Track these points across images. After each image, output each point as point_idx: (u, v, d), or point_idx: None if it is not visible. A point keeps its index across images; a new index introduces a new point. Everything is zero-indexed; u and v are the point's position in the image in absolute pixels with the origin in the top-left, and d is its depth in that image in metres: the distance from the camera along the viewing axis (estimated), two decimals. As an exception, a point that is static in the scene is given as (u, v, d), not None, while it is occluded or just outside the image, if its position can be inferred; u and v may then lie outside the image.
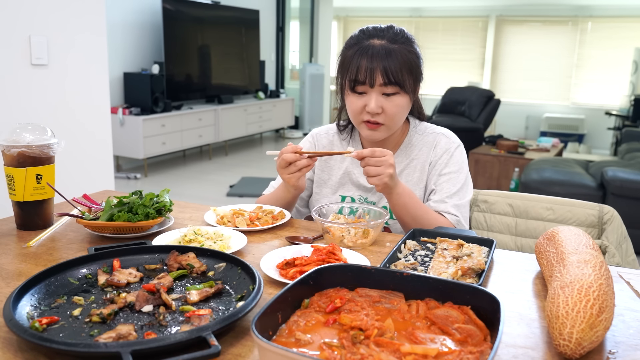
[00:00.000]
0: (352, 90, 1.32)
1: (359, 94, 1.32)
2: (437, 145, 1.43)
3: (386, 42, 1.29)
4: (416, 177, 1.43)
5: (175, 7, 6.19)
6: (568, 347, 0.71)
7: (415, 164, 1.44)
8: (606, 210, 1.56)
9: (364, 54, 1.28)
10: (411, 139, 1.46)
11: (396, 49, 1.28)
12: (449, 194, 1.37)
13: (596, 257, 0.85)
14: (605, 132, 8.74)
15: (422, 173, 1.43)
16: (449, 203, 1.36)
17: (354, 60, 1.29)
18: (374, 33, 1.32)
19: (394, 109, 1.31)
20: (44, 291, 0.87)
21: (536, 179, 4.03)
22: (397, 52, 1.28)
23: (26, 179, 1.20)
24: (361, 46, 1.30)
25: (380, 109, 1.30)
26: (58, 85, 2.34)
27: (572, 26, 8.92)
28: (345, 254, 1.06)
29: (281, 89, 8.81)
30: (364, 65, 1.27)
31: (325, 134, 1.55)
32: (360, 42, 1.31)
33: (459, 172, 1.40)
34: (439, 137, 1.45)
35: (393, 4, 10.04)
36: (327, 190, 1.50)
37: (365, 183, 1.45)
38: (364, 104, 1.31)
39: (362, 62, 1.27)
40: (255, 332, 0.62)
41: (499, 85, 9.52)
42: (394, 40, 1.30)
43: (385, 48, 1.27)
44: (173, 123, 5.99)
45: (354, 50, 1.30)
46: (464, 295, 0.76)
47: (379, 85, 1.28)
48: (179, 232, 1.19)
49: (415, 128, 1.48)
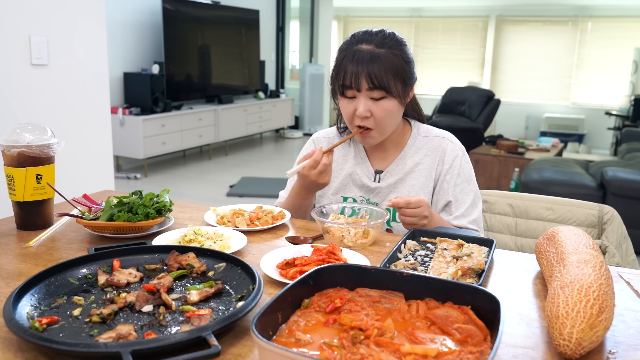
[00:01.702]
0: (342, 94, 1.35)
1: (349, 98, 1.35)
2: (445, 153, 1.44)
3: (373, 47, 1.31)
4: (421, 182, 1.43)
5: (175, 7, 6.19)
6: (568, 347, 0.71)
7: (420, 169, 1.44)
8: (606, 210, 1.56)
9: (351, 59, 1.31)
10: (415, 140, 1.47)
11: (382, 53, 1.30)
12: (466, 206, 1.40)
13: (596, 257, 0.85)
14: (605, 132, 8.75)
15: (428, 179, 1.43)
16: (467, 218, 1.39)
17: (342, 65, 1.33)
18: (363, 38, 1.34)
19: (382, 113, 1.33)
20: (44, 291, 0.87)
21: (536, 179, 4.03)
22: (383, 57, 1.30)
23: (26, 179, 1.20)
24: (350, 51, 1.32)
25: (368, 112, 1.32)
26: (58, 85, 2.34)
27: (572, 26, 8.92)
28: (345, 254, 1.06)
29: (281, 89, 8.81)
30: (350, 70, 1.30)
31: (325, 137, 1.56)
32: (349, 47, 1.34)
33: (469, 181, 1.43)
34: (445, 143, 1.45)
35: (393, 4, 10.04)
36: (330, 191, 1.50)
37: (368, 183, 1.45)
38: (354, 108, 1.34)
39: (349, 67, 1.31)
40: (255, 332, 0.62)
41: (499, 85, 9.52)
42: (381, 44, 1.31)
43: (370, 53, 1.30)
44: (173, 123, 5.99)
45: (343, 55, 1.34)
46: (464, 295, 0.76)
47: (365, 90, 1.31)
48: (179, 232, 1.19)
49: (417, 130, 1.48)
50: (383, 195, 1.45)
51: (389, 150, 1.47)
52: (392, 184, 1.44)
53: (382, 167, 1.47)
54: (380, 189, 1.45)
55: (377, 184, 1.45)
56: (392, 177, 1.44)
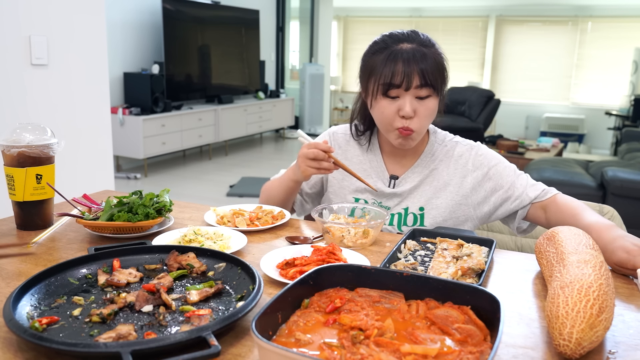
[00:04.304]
0: (385, 94, 1.30)
1: (391, 98, 1.30)
2: (468, 162, 1.41)
3: (417, 45, 1.29)
4: (434, 186, 1.40)
5: (175, 7, 6.19)
6: (568, 347, 0.71)
7: (435, 174, 1.42)
8: (606, 210, 1.56)
9: (398, 57, 1.28)
10: (432, 147, 1.44)
11: (428, 52, 1.29)
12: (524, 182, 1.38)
13: (596, 257, 0.85)
14: (605, 132, 8.75)
15: (449, 186, 1.40)
16: (532, 188, 1.37)
17: (388, 64, 1.28)
18: (402, 37, 1.32)
19: (426, 112, 1.31)
20: (44, 291, 0.87)
21: (536, 179, 4.01)
22: (430, 55, 1.29)
23: (26, 179, 1.20)
24: (392, 50, 1.29)
25: (413, 112, 1.29)
26: (58, 85, 2.34)
27: (572, 26, 8.93)
28: (345, 254, 1.06)
29: (281, 89, 8.81)
30: (400, 68, 1.27)
31: (343, 134, 1.53)
32: (390, 47, 1.30)
33: (497, 164, 1.40)
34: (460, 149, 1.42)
35: (393, 4, 10.04)
36: (346, 192, 1.47)
37: (382, 188, 1.42)
38: (397, 109, 1.30)
39: (398, 66, 1.27)
40: (255, 332, 0.62)
41: (499, 85, 9.53)
42: (423, 44, 1.31)
43: (419, 51, 1.28)
44: (173, 123, 6.00)
45: (385, 55, 1.29)
46: (464, 295, 0.76)
47: (415, 88, 1.28)
48: (179, 232, 1.19)
49: (435, 137, 1.46)
50: (396, 201, 1.42)
51: (406, 156, 1.44)
52: (406, 191, 1.41)
53: (398, 172, 1.44)
54: (394, 195, 1.42)
55: (392, 189, 1.42)
56: (407, 185, 1.41)
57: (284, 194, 1.47)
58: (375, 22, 10.44)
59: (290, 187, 1.45)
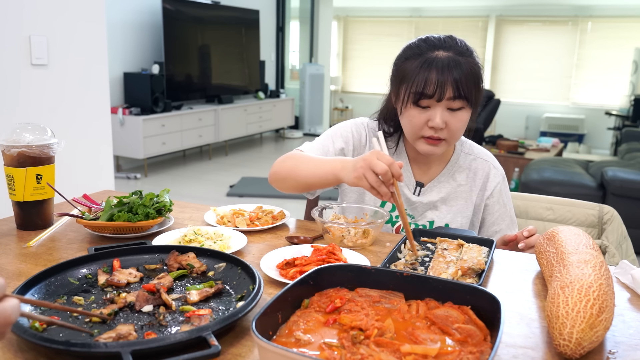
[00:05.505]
0: (416, 103, 1.25)
1: (422, 107, 1.25)
2: (488, 179, 1.41)
3: (453, 54, 1.23)
4: (460, 204, 1.39)
5: (175, 7, 6.19)
6: (568, 347, 0.71)
7: (460, 191, 1.40)
8: (606, 210, 1.56)
9: (432, 66, 1.21)
10: (458, 157, 1.42)
11: (464, 61, 1.23)
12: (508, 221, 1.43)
13: (596, 257, 0.85)
14: (605, 132, 8.75)
15: (468, 202, 1.40)
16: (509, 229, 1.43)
17: (421, 72, 1.22)
18: (438, 44, 1.25)
19: (458, 124, 1.26)
20: (44, 291, 0.87)
21: (536, 179, 4.03)
22: (465, 65, 1.22)
23: (26, 179, 1.20)
24: (427, 58, 1.23)
25: (444, 124, 1.24)
26: (58, 85, 2.34)
27: (572, 26, 8.92)
28: (345, 254, 1.06)
29: (281, 89, 8.81)
30: (434, 78, 1.21)
31: (373, 130, 1.44)
32: (424, 54, 1.24)
33: (506, 207, 1.43)
34: (488, 168, 1.42)
35: (393, 4, 10.04)
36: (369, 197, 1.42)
37: (408, 195, 1.39)
38: (427, 119, 1.25)
39: (432, 75, 1.21)
40: (255, 332, 0.62)
41: (499, 85, 9.52)
42: (460, 52, 1.24)
43: (454, 60, 1.22)
44: (173, 123, 5.99)
45: (420, 62, 1.23)
46: (464, 295, 0.76)
47: (447, 99, 1.22)
48: (179, 232, 1.19)
49: (461, 145, 1.44)
50: (421, 210, 1.39)
51: (432, 164, 1.40)
52: (433, 202, 1.39)
53: (424, 179, 1.41)
54: (419, 203, 1.39)
55: (417, 197, 1.39)
56: (433, 195, 1.39)
57: (316, 181, 1.25)
58: (375, 22, 10.44)
59: (327, 180, 1.22)
